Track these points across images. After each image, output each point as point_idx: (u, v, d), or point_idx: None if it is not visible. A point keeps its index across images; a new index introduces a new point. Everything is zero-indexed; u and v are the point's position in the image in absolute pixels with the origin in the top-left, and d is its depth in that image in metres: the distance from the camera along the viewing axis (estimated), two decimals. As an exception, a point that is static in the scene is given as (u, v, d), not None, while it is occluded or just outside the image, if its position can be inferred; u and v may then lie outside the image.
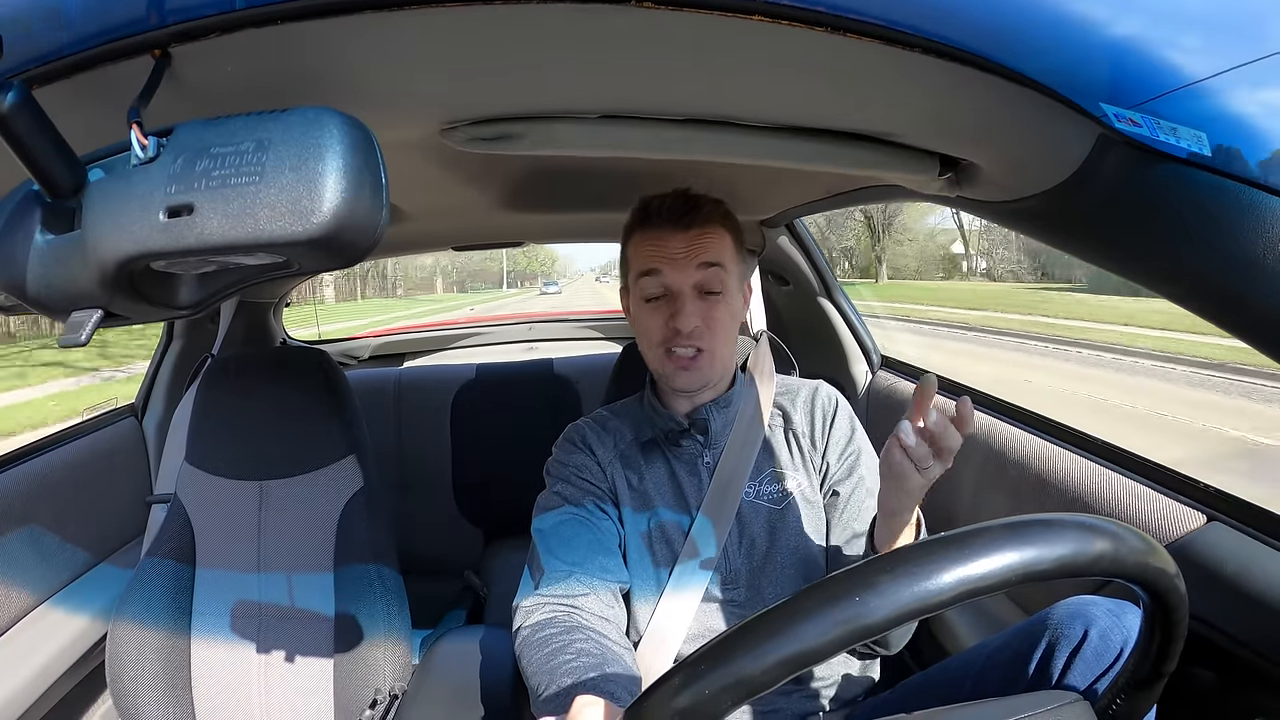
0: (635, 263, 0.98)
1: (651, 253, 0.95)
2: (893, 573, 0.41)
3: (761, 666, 0.40)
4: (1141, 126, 0.41)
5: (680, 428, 1.00)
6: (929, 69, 0.45)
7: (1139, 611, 0.52)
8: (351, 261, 0.42)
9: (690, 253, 0.94)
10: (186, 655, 1.20)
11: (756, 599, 0.94)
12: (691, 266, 0.94)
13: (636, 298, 0.99)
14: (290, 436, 1.29)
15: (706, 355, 0.95)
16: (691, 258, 0.94)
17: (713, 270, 0.94)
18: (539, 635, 0.84)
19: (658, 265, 0.94)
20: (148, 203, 0.39)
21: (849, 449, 1.00)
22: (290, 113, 0.39)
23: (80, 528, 1.39)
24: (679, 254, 0.94)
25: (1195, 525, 0.85)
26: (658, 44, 0.49)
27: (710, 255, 0.94)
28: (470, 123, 0.66)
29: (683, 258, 0.94)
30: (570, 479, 1.00)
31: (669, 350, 0.95)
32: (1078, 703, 0.57)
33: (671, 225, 0.94)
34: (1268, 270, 0.39)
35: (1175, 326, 12.42)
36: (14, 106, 0.37)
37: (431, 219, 1.39)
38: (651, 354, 0.99)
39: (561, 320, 2.81)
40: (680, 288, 0.94)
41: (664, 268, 0.94)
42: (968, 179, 0.69)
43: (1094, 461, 1.02)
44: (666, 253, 0.94)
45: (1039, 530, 0.43)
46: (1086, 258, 0.57)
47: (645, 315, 0.97)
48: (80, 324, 0.42)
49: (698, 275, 0.94)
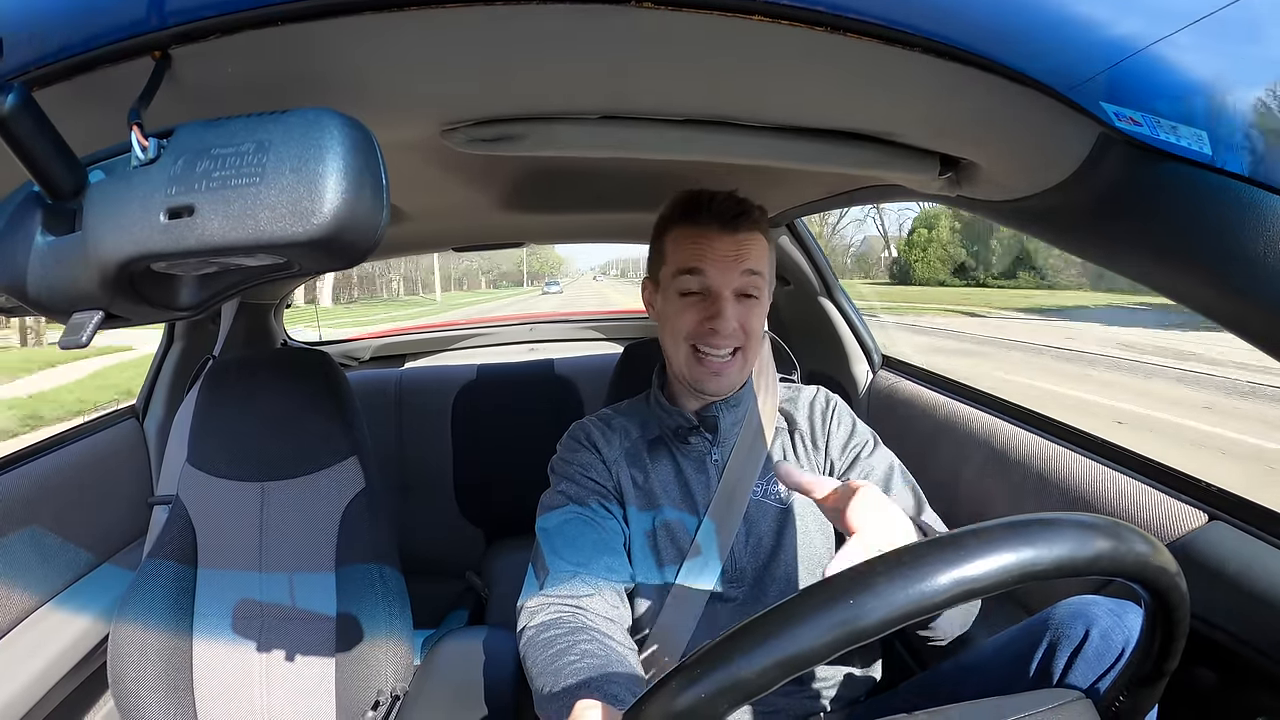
0: (675, 258, 0.96)
1: (696, 251, 0.94)
2: (889, 574, 0.41)
3: (758, 669, 0.40)
4: (1142, 125, 0.41)
5: (690, 425, 1.00)
6: (929, 68, 0.45)
7: (1140, 611, 0.52)
8: (352, 262, 0.42)
9: (738, 257, 0.93)
10: (188, 656, 1.20)
11: (763, 599, 0.94)
12: (736, 271, 0.93)
13: (670, 292, 0.97)
14: (291, 438, 1.29)
15: (740, 358, 0.95)
16: (738, 262, 0.93)
17: (754, 278, 0.94)
18: (544, 636, 0.84)
19: (702, 265, 0.93)
20: (148, 204, 0.39)
21: (851, 444, 1.00)
22: (290, 114, 0.39)
23: (82, 529, 1.39)
24: (726, 256, 0.93)
25: (1196, 524, 0.85)
26: (658, 44, 0.49)
27: (753, 262, 0.94)
28: (471, 124, 0.66)
29: (729, 261, 0.93)
30: (575, 477, 1.00)
31: (697, 350, 0.95)
32: (1080, 701, 0.57)
33: (720, 226, 0.93)
34: (1268, 269, 0.39)
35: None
36: (14, 108, 0.36)
37: (432, 220, 1.39)
38: (678, 350, 0.97)
39: (562, 321, 2.80)
40: (722, 290, 0.93)
41: (708, 268, 0.93)
42: (968, 178, 0.69)
43: (1095, 460, 1.02)
44: (713, 253, 0.93)
45: (1037, 530, 0.42)
46: (1087, 256, 0.57)
47: (678, 310, 0.96)
48: (81, 325, 0.42)
49: (740, 281, 0.94)
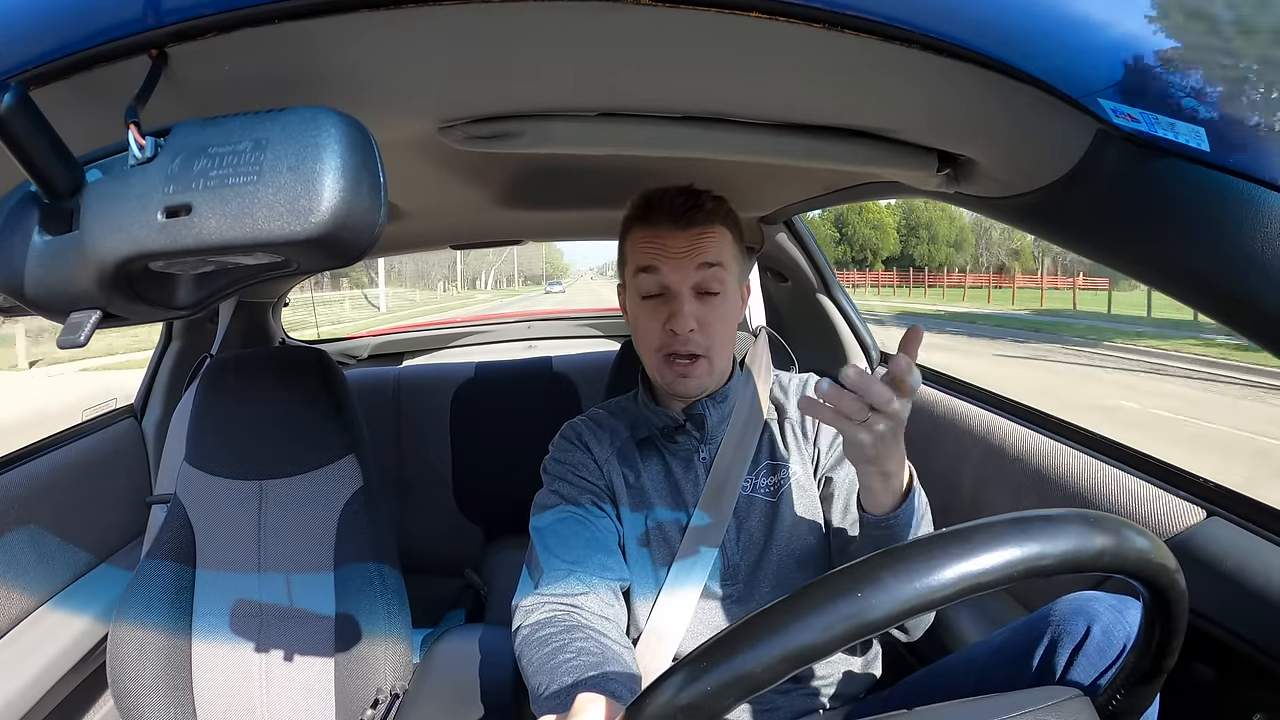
0: (633, 258, 0.96)
1: (650, 250, 0.94)
2: (895, 568, 0.41)
3: (764, 663, 0.40)
4: (1140, 122, 0.41)
5: (676, 423, 1.00)
6: (927, 65, 0.45)
7: (1141, 607, 0.52)
8: (350, 261, 0.42)
9: (690, 252, 0.92)
10: (187, 656, 1.20)
11: (755, 593, 0.94)
12: (691, 267, 0.92)
13: (633, 294, 0.97)
14: (289, 436, 1.29)
15: (705, 362, 0.94)
16: (692, 257, 0.92)
17: (713, 270, 0.93)
18: (539, 634, 0.84)
19: (656, 263, 0.93)
20: (145, 203, 0.39)
21: (839, 436, 1.00)
22: (288, 112, 0.39)
23: (80, 529, 1.39)
24: (679, 253, 0.92)
25: (1195, 520, 0.85)
26: (655, 41, 0.49)
27: (710, 255, 0.93)
28: (468, 121, 0.66)
29: (682, 257, 0.92)
30: (568, 477, 1.00)
31: (667, 356, 0.95)
32: (1079, 698, 0.57)
33: (672, 223, 0.93)
34: (1265, 265, 0.39)
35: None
36: (11, 107, 0.36)
37: (430, 217, 1.39)
38: (650, 358, 0.98)
39: (560, 319, 2.80)
40: (679, 288, 0.93)
41: (663, 266, 0.93)
42: (966, 175, 0.69)
43: (1093, 457, 1.02)
44: (666, 251, 0.93)
45: (1042, 526, 0.42)
46: (1084, 253, 0.57)
47: (643, 316, 0.96)
48: (79, 325, 0.42)
49: (697, 276, 0.93)
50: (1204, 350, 12.62)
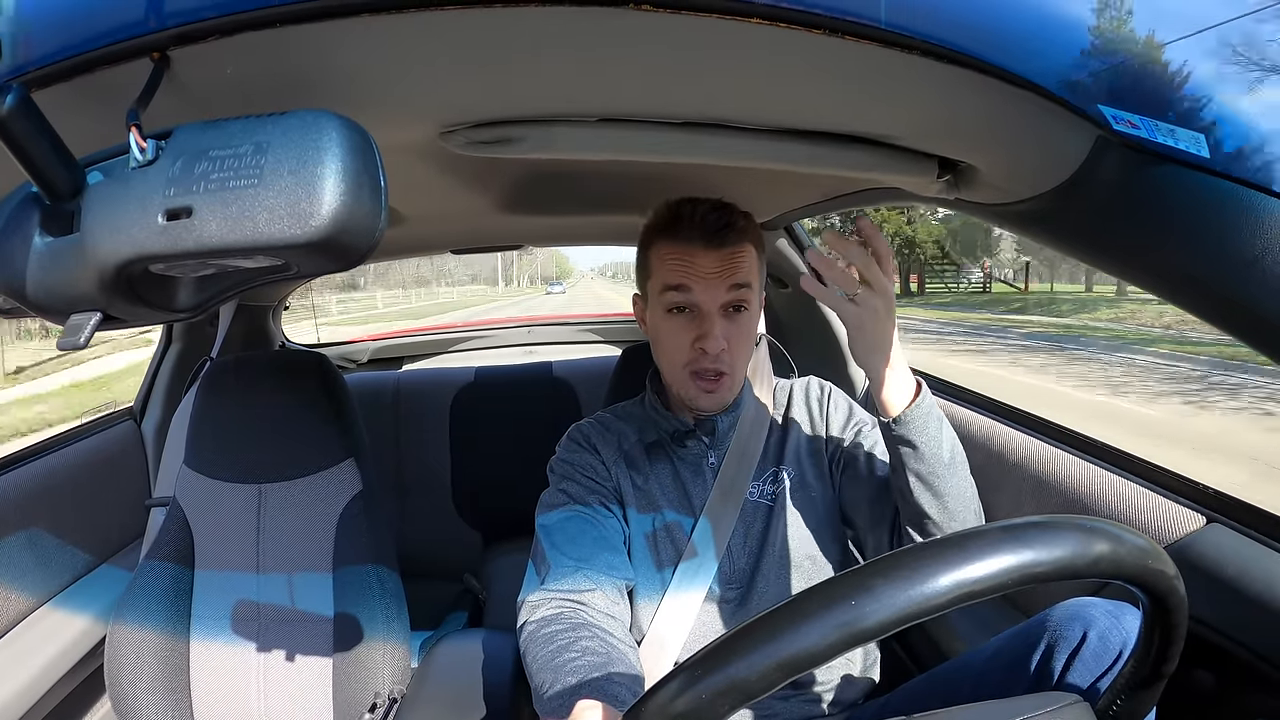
0: (660, 274, 0.94)
1: (679, 268, 0.91)
2: (889, 576, 0.40)
3: (758, 671, 0.40)
4: (1140, 128, 0.41)
5: (686, 429, 1.00)
6: (927, 72, 0.45)
7: (1138, 613, 0.52)
8: (350, 265, 0.42)
9: (722, 273, 0.91)
10: (185, 658, 1.20)
11: (759, 599, 0.94)
12: (723, 287, 0.91)
13: (656, 308, 0.95)
14: (289, 440, 1.29)
15: (728, 378, 0.94)
16: (724, 278, 0.91)
17: (743, 290, 0.92)
18: (544, 631, 0.83)
19: (687, 282, 0.91)
20: (146, 205, 0.39)
21: (851, 422, 1.01)
22: (289, 115, 0.39)
23: (79, 531, 1.39)
24: (711, 273, 0.90)
25: (1195, 527, 0.85)
26: (656, 47, 0.49)
27: (741, 276, 0.91)
28: (469, 126, 0.66)
29: (714, 278, 0.90)
30: (575, 477, 1.00)
31: (693, 372, 0.94)
32: (1077, 704, 0.57)
33: (704, 241, 0.90)
34: (1265, 271, 0.39)
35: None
36: (13, 109, 0.36)
37: (430, 222, 1.39)
38: (675, 373, 0.96)
39: (561, 324, 2.80)
40: (709, 308, 0.91)
41: (694, 285, 0.91)
42: (966, 181, 0.69)
43: (1093, 463, 1.02)
44: (697, 270, 0.91)
45: (1037, 533, 0.42)
46: (1085, 259, 0.58)
47: (668, 331, 0.95)
48: (79, 327, 0.42)
49: (728, 296, 0.91)
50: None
